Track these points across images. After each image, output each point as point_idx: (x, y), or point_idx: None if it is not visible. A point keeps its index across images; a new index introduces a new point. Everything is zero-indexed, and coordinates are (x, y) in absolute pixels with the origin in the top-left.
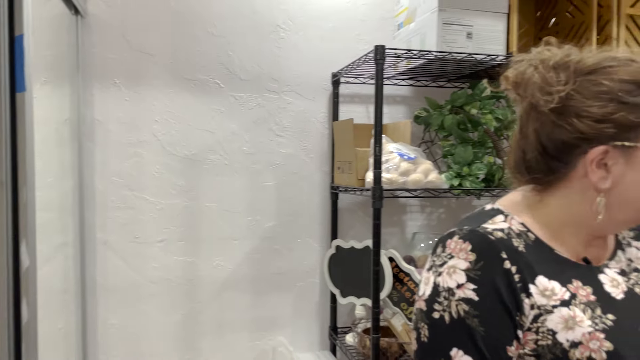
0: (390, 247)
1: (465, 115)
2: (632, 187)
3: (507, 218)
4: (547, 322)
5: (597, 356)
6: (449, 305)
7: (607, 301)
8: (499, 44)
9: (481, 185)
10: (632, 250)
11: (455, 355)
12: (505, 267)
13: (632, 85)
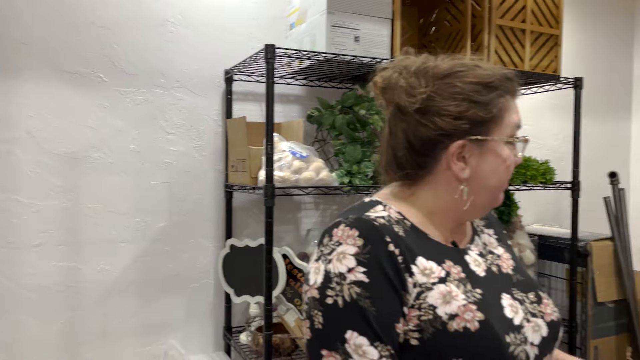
0: (285, 244)
1: (354, 116)
2: (487, 175)
3: (385, 207)
4: (428, 299)
5: (471, 325)
6: (341, 290)
7: (473, 278)
8: (384, 48)
9: (370, 182)
10: (485, 236)
11: (350, 337)
12: (389, 249)
13: (479, 86)
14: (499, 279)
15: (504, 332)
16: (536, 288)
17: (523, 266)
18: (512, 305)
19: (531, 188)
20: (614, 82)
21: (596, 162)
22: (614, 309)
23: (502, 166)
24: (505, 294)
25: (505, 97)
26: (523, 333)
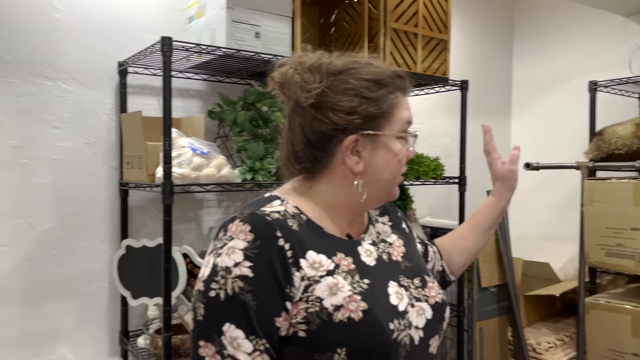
0: (186, 243)
1: (257, 112)
2: (380, 168)
3: (283, 202)
4: (316, 291)
5: (355, 315)
6: (225, 284)
7: (363, 269)
8: (285, 46)
9: (272, 179)
10: (380, 225)
11: (227, 330)
12: (279, 244)
13: (370, 83)
14: (388, 267)
15: (388, 319)
16: (422, 273)
17: (415, 250)
18: (397, 292)
19: (423, 183)
20: (496, 85)
21: (480, 158)
22: (496, 292)
23: (394, 160)
24: (392, 281)
25: (395, 93)
26: (407, 318)
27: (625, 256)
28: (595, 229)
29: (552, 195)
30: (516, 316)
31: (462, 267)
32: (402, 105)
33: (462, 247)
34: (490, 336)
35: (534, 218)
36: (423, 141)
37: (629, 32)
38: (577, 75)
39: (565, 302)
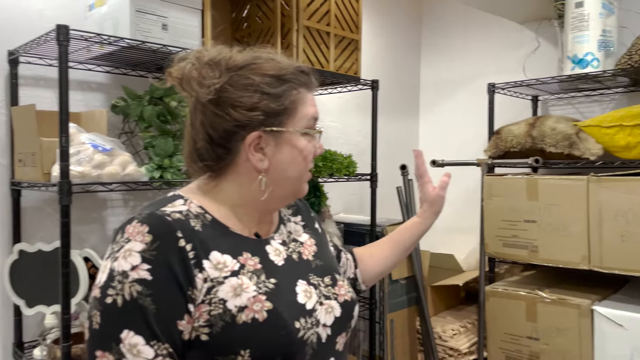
0: (89, 246)
1: (165, 107)
2: (284, 165)
3: (186, 202)
4: (219, 293)
5: (259, 316)
6: (122, 289)
7: (270, 268)
8: (195, 39)
9: (182, 177)
10: (291, 225)
11: (125, 337)
12: (180, 245)
13: (272, 79)
14: (298, 266)
15: (294, 318)
16: (333, 271)
17: (327, 250)
18: (306, 291)
19: (337, 180)
20: (405, 84)
21: (391, 156)
22: (406, 284)
23: (299, 157)
24: (301, 280)
25: (298, 89)
26: (315, 316)
27: (520, 246)
28: (494, 222)
29: (455, 191)
30: (424, 306)
31: (374, 279)
32: (306, 101)
33: (378, 260)
34: (400, 327)
35: None
36: (336, 139)
37: (523, 38)
38: (478, 77)
39: (468, 290)
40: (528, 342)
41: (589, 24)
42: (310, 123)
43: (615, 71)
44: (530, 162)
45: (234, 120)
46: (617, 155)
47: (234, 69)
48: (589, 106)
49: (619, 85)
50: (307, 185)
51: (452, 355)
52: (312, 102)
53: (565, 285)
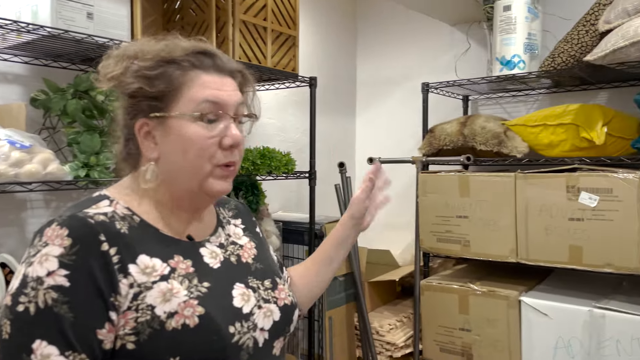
0: (5, 251)
1: (91, 101)
2: (174, 155)
3: (112, 203)
4: (147, 298)
5: (190, 321)
6: (36, 296)
7: (204, 271)
8: (124, 30)
9: (111, 175)
10: (231, 227)
11: (38, 347)
12: (103, 249)
13: (153, 62)
14: (236, 269)
15: (229, 322)
16: (273, 275)
17: (267, 253)
18: (243, 294)
19: (275, 178)
20: (341, 83)
21: (329, 153)
22: (344, 281)
23: (192, 146)
24: (239, 283)
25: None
26: (252, 320)
27: (453, 241)
28: (428, 218)
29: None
30: (362, 302)
31: (310, 301)
32: (197, 83)
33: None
34: (339, 324)
35: None
36: (274, 136)
37: (454, 40)
38: (412, 76)
39: (403, 285)
40: (460, 334)
41: (516, 27)
42: (203, 107)
43: (540, 73)
44: (462, 160)
45: (124, 110)
46: (541, 153)
47: (128, 57)
48: (515, 106)
49: (542, 86)
50: (221, 182)
51: (389, 349)
52: (207, 84)
53: (495, 278)
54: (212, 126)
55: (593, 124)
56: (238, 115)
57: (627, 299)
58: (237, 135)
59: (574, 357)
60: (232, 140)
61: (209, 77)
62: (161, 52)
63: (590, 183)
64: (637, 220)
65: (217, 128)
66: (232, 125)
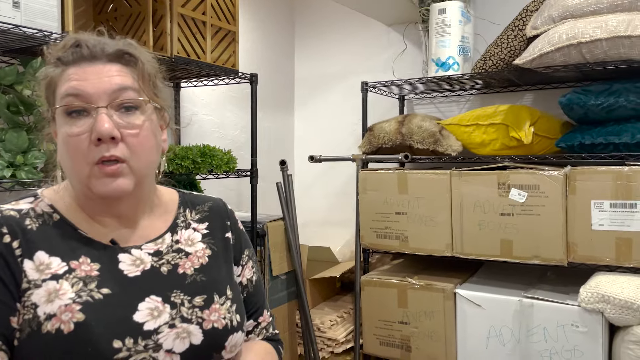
0: None
1: (16, 96)
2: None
3: (35, 200)
4: (33, 296)
5: (65, 327)
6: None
7: (110, 278)
8: (53, 21)
9: (40, 175)
10: (188, 232)
11: None
12: (5, 241)
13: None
14: (160, 280)
15: (115, 336)
16: (213, 291)
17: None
18: (154, 309)
19: (217, 177)
20: (280, 80)
21: (267, 151)
22: (286, 280)
23: (62, 144)
24: (154, 296)
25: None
26: (154, 339)
27: (392, 237)
28: (368, 215)
29: (330, 185)
30: (304, 300)
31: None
32: (63, 78)
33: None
34: (281, 321)
35: (315, 206)
36: (212, 133)
37: (390, 40)
38: (350, 75)
39: (343, 281)
40: (400, 327)
41: (451, 30)
42: (66, 101)
43: (473, 75)
44: (401, 158)
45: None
46: (474, 152)
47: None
48: (448, 105)
49: (473, 87)
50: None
51: (330, 345)
52: (69, 77)
53: (430, 271)
54: (81, 122)
55: (521, 124)
56: (114, 103)
57: (552, 288)
58: (103, 127)
59: (505, 344)
60: (97, 134)
61: (72, 69)
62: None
63: (520, 180)
64: (561, 214)
65: (86, 123)
66: (102, 116)
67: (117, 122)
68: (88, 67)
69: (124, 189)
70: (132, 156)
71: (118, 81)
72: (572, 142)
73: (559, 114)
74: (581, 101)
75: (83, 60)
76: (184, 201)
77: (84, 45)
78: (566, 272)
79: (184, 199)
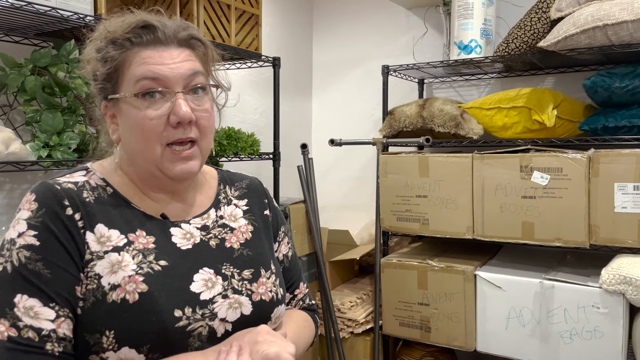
0: None
1: (51, 78)
2: (126, 136)
3: (88, 173)
4: (96, 267)
5: (130, 297)
6: (10, 255)
7: (166, 250)
8: (86, 3)
9: (74, 155)
10: (229, 208)
11: (19, 301)
12: (67, 213)
13: (103, 42)
14: (211, 253)
15: (176, 305)
16: (259, 265)
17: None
18: (208, 280)
19: (241, 159)
20: (298, 64)
21: (286, 134)
22: (307, 261)
23: (137, 126)
24: (207, 268)
25: (126, 49)
26: (210, 308)
27: (412, 220)
28: (389, 198)
29: (347, 169)
30: (325, 281)
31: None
32: (136, 60)
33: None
34: None
35: (333, 190)
36: (233, 117)
37: (410, 23)
38: (368, 59)
39: (361, 264)
40: (419, 308)
41: (473, 13)
42: (142, 85)
43: (495, 58)
44: (422, 141)
45: (92, 93)
46: (495, 135)
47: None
48: (468, 89)
49: (494, 70)
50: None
51: (350, 325)
52: (145, 60)
53: (450, 254)
54: (157, 105)
55: (544, 107)
56: (188, 87)
57: (573, 271)
58: (183, 111)
59: (525, 325)
60: (177, 117)
61: (147, 52)
62: (105, 32)
63: (542, 163)
64: (584, 197)
65: (163, 106)
66: (180, 100)
67: (192, 106)
68: (163, 52)
69: (194, 171)
70: (202, 137)
71: (191, 66)
72: (596, 124)
73: (581, 97)
74: (605, 84)
75: (158, 43)
76: (223, 178)
77: (158, 28)
78: (586, 256)
79: (222, 175)
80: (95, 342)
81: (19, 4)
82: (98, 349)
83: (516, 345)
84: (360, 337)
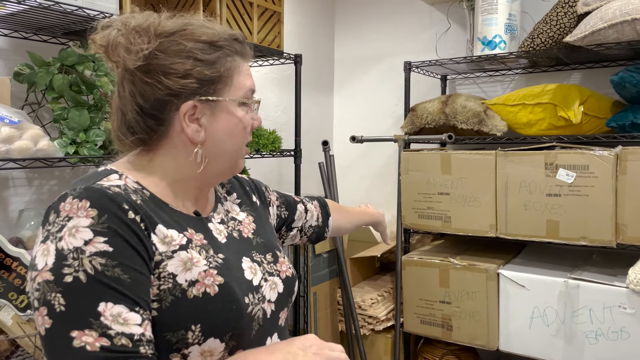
0: None
1: (78, 76)
2: (222, 137)
3: (121, 177)
4: (168, 267)
5: (211, 290)
6: (80, 264)
7: (215, 244)
8: (112, 2)
9: (100, 152)
10: (228, 204)
11: (105, 309)
12: (130, 217)
13: (205, 45)
14: (240, 243)
15: (244, 293)
16: (274, 248)
17: (267, 226)
18: (251, 267)
19: (263, 156)
20: (319, 61)
21: (307, 131)
22: (327, 258)
23: (237, 128)
24: (245, 257)
25: (233, 57)
26: (261, 292)
27: (434, 217)
28: (410, 195)
29: (367, 166)
30: (345, 277)
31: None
32: (242, 70)
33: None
34: (323, 299)
35: (353, 187)
36: None
37: (433, 19)
38: (390, 56)
39: (382, 261)
40: (441, 306)
41: (498, 8)
42: (247, 94)
43: (520, 53)
44: (444, 138)
45: (166, 89)
46: (520, 132)
47: (164, 34)
48: (492, 85)
49: (519, 66)
50: (243, 160)
51: (371, 323)
52: (248, 72)
53: (472, 252)
54: (249, 110)
55: (570, 104)
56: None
57: (599, 270)
58: (260, 119)
59: (549, 325)
60: (259, 123)
61: (244, 64)
62: (203, 36)
63: (568, 160)
64: (611, 195)
65: (252, 112)
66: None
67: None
68: (247, 65)
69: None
70: None
71: None
72: (624, 121)
73: (608, 93)
74: (634, 79)
75: (247, 57)
76: None
77: (245, 44)
78: (612, 255)
79: None
80: (178, 339)
81: (47, 3)
82: (181, 346)
83: (540, 345)
84: (381, 334)
